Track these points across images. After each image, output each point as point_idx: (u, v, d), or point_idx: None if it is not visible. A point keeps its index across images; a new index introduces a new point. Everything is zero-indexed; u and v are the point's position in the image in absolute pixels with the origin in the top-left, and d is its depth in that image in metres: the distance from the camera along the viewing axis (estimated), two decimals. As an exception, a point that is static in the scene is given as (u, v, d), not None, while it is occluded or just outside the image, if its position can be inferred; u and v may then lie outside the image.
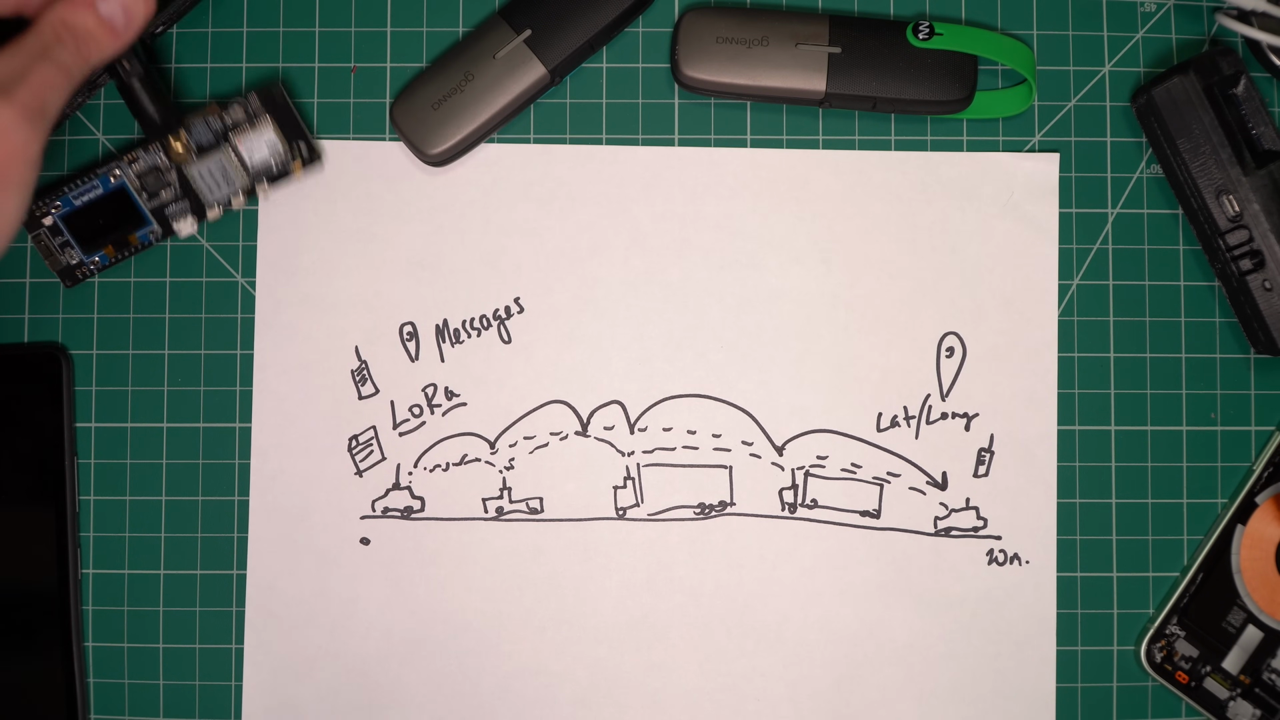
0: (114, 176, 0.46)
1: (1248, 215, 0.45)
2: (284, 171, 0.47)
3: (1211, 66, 0.46)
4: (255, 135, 0.46)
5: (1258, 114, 0.46)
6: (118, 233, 0.46)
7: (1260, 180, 0.45)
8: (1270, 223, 0.45)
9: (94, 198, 0.46)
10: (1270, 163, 0.45)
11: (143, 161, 0.46)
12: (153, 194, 0.46)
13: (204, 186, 0.46)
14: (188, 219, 0.46)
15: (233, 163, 0.46)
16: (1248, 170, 0.45)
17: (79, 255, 0.46)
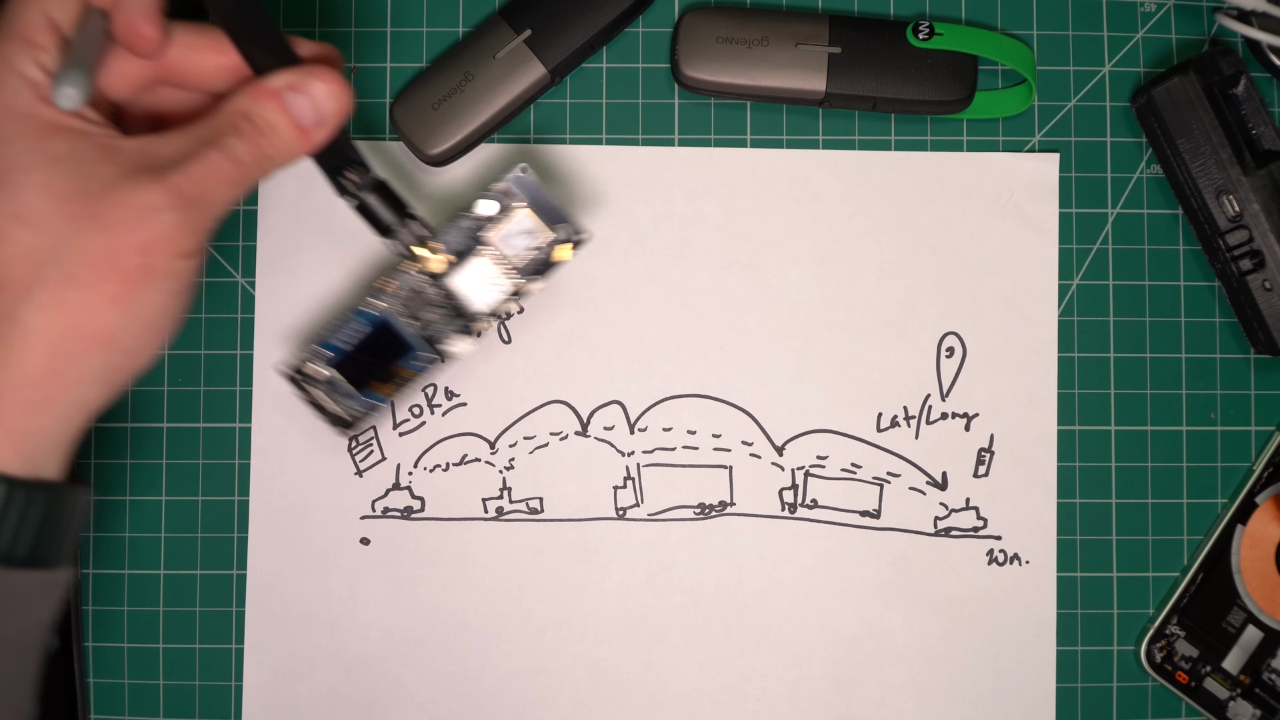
0: (375, 309, 0.43)
1: (1248, 215, 0.45)
2: (549, 261, 0.43)
3: (1211, 66, 0.46)
4: (511, 226, 0.43)
5: (1258, 114, 0.46)
6: (384, 367, 0.43)
7: (1260, 180, 0.45)
8: (1270, 223, 0.45)
9: (362, 339, 0.43)
10: (1270, 163, 0.45)
11: (401, 284, 0.43)
12: (416, 318, 0.43)
13: (470, 297, 0.43)
14: (461, 339, 0.43)
15: (496, 264, 0.43)
16: (1248, 170, 0.45)
17: (358, 404, 0.44)
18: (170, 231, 0.35)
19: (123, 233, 0.34)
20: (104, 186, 0.34)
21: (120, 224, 0.34)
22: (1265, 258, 0.45)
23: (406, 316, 0.43)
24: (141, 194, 0.34)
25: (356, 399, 0.44)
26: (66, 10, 0.36)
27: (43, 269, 0.34)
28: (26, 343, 0.34)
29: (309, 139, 0.37)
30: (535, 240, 0.43)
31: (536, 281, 0.43)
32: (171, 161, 0.35)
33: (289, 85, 0.37)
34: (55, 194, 0.34)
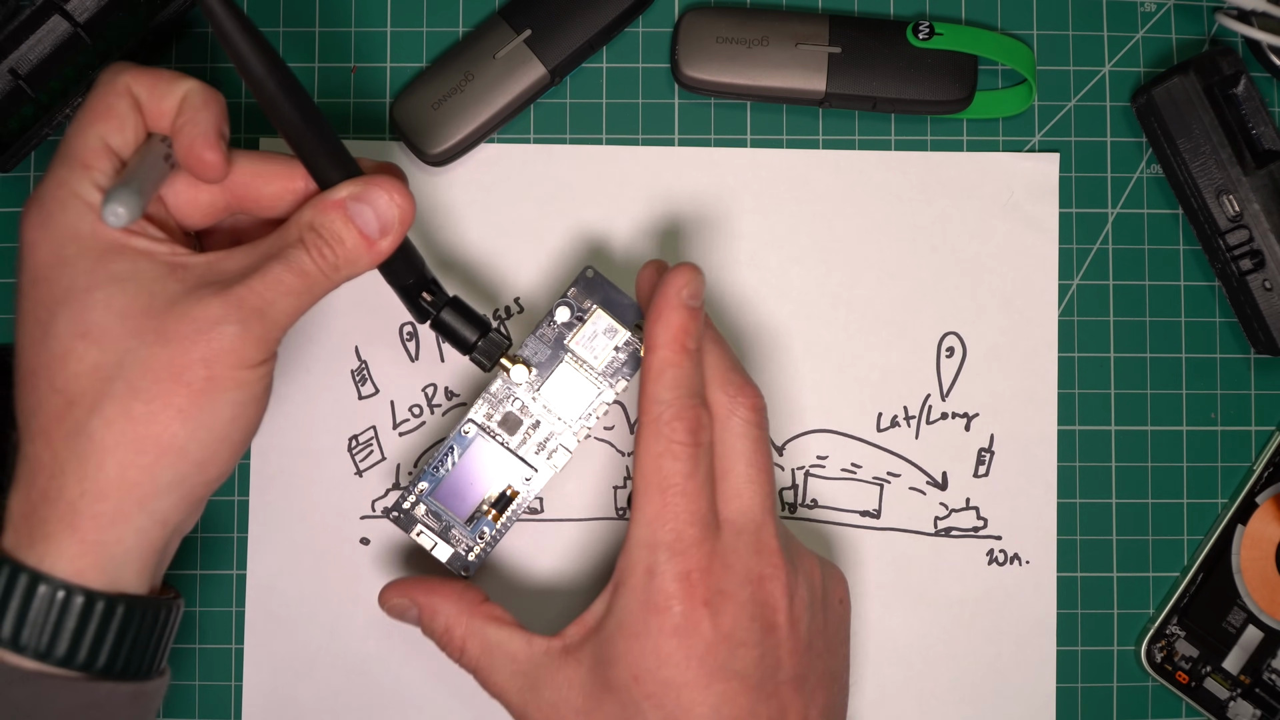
0: (467, 432, 0.43)
1: (1248, 215, 0.45)
2: (634, 356, 0.43)
3: (1211, 66, 0.46)
4: (589, 328, 0.42)
5: (1258, 114, 0.46)
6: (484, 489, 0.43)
7: (1260, 180, 0.45)
8: (1270, 223, 0.45)
9: (453, 466, 0.43)
10: (1270, 163, 0.45)
11: (489, 405, 0.43)
12: (514, 433, 0.43)
13: (562, 410, 0.43)
14: (558, 450, 0.43)
15: (579, 370, 0.43)
16: (1248, 170, 0.45)
17: (467, 537, 0.43)
18: (233, 343, 0.35)
19: (186, 346, 0.35)
20: (167, 302, 0.35)
21: (182, 337, 0.35)
22: (1265, 258, 0.45)
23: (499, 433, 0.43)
24: (203, 307, 0.35)
25: (464, 530, 0.43)
26: (125, 136, 0.37)
27: (109, 384, 0.35)
28: (98, 456, 0.35)
29: (375, 248, 0.38)
30: (615, 340, 0.43)
31: (621, 382, 0.43)
32: (238, 275, 0.36)
33: (353, 195, 0.37)
34: (118, 311, 0.35)
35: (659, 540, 0.38)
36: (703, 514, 0.38)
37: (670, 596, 0.37)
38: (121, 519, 0.35)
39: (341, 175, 0.38)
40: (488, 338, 0.41)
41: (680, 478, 0.38)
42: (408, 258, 0.39)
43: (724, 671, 0.37)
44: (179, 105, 0.37)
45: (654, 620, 0.37)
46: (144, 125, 0.37)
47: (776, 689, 0.38)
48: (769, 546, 0.39)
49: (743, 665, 0.37)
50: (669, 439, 0.38)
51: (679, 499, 0.38)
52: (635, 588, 0.38)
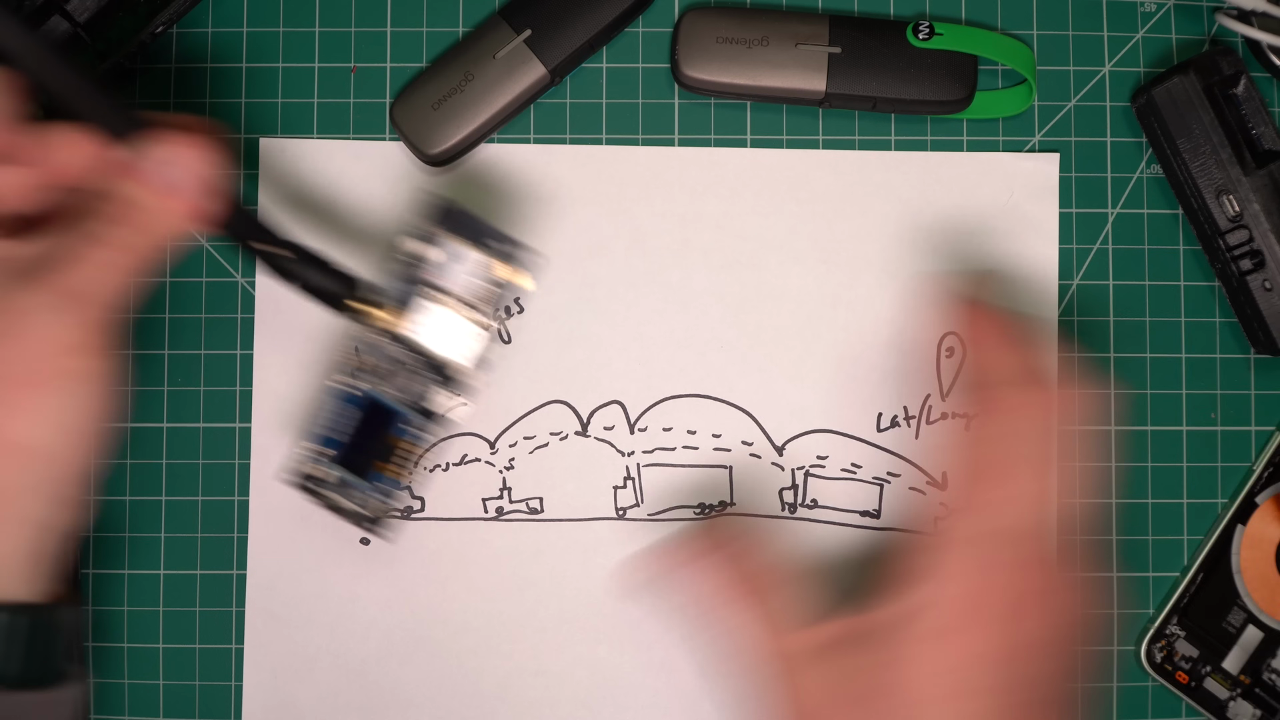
0: (358, 389, 0.42)
1: (1248, 215, 0.45)
2: (505, 286, 0.42)
3: (1211, 66, 0.46)
4: (452, 263, 0.41)
5: (1258, 114, 0.46)
6: (379, 445, 0.42)
7: (1260, 180, 0.45)
8: (1270, 223, 0.45)
9: (358, 424, 0.41)
10: (1270, 163, 0.45)
11: (370, 355, 0.41)
12: (394, 381, 0.42)
13: (441, 348, 0.41)
14: (445, 394, 0.42)
15: (451, 305, 0.41)
16: (1248, 170, 0.45)
17: (373, 494, 0.42)
18: (51, 331, 0.34)
19: (5, 342, 0.34)
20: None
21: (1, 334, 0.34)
22: (1265, 258, 0.45)
23: (388, 387, 0.42)
24: (15, 300, 0.34)
25: (367, 489, 0.42)
26: None
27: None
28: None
29: (187, 209, 0.36)
30: (482, 270, 0.42)
31: (503, 315, 0.42)
32: (43, 261, 0.35)
33: (158, 159, 0.36)
34: None
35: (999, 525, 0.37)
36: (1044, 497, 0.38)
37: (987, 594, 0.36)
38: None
39: (133, 134, 0.36)
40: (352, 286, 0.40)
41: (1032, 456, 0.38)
42: (240, 217, 0.38)
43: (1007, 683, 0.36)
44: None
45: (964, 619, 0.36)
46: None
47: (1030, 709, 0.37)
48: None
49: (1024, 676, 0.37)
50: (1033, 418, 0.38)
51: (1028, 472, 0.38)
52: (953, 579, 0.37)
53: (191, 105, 0.48)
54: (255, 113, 0.48)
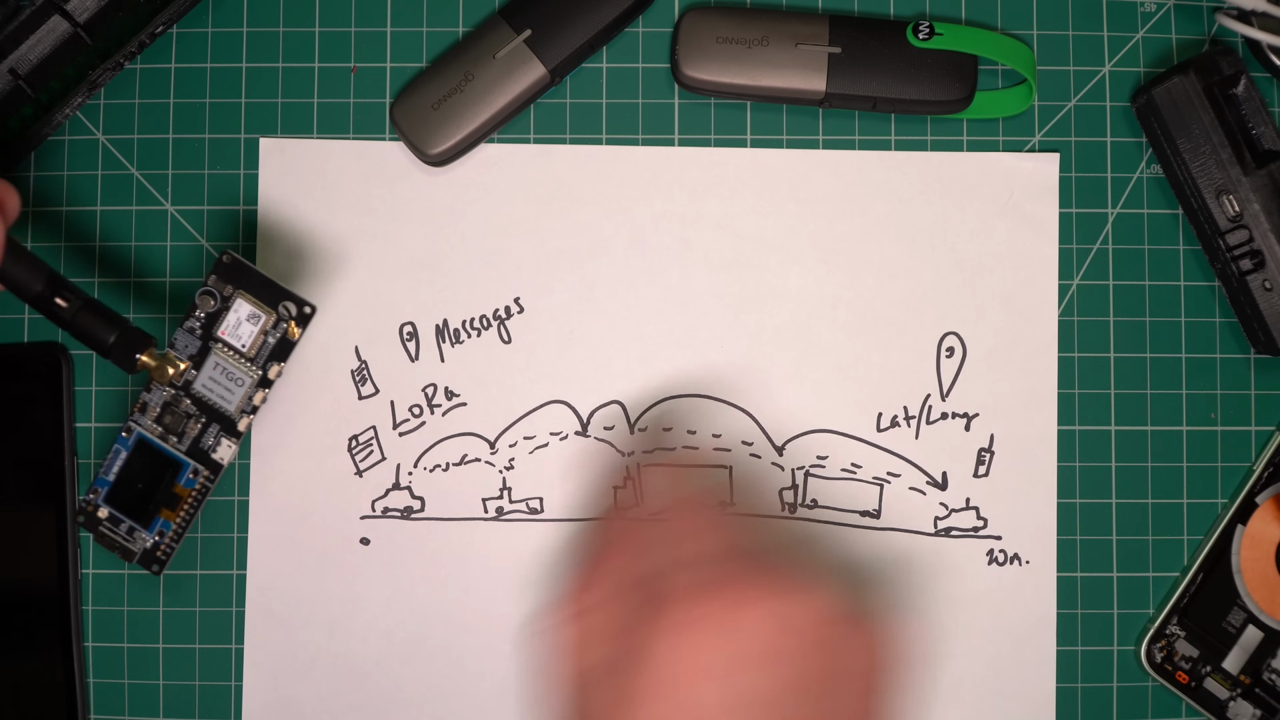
0: (127, 433, 0.43)
1: (1248, 215, 0.45)
2: (285, 342, 0.43)
3: (1211, 66, 0.46)
4: (235, 318, 0.42)
5: (1258, 114, 0.46)
6: (162, 488, 0.43)
7: (1260, 180, 0.45)
8: (1270, 223, 0.45)
9: (122, 465, 0.43)
10: (1270, 163, 0.45)
11: (151, 402, 0.43)
12: (178, 433, 0.43)
13: (219, 398, 0.42)
14: (224, 443, 0.43)
15: (231, 358, 0.42)
16: (1248, 170, 0.45)
17: (148, 535, 0.44)
18: None
19: None
20: None
21: None
22: (1265, 258, 0.45)
23: (168, 434, 0.43)
24: None
25: (144, 531, 0.44)
26: None
27: None
28: None
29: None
30: (260, 325, 0.43)
31: (274, 366, 0.43)
32: None
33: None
34: None
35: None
36: None
37: None
38: None
39: None
40: (124, 336, 0.40)
41: None
42: (25, 266, 0.38)
43: None
44: None
45: None
46: None
47: None
48: None
49: None
50: None
51: None
52: None
53: (191, 105, 0.48)
54: (255, 113, 0.48)
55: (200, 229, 0.48)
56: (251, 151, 0.48)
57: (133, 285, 0.48)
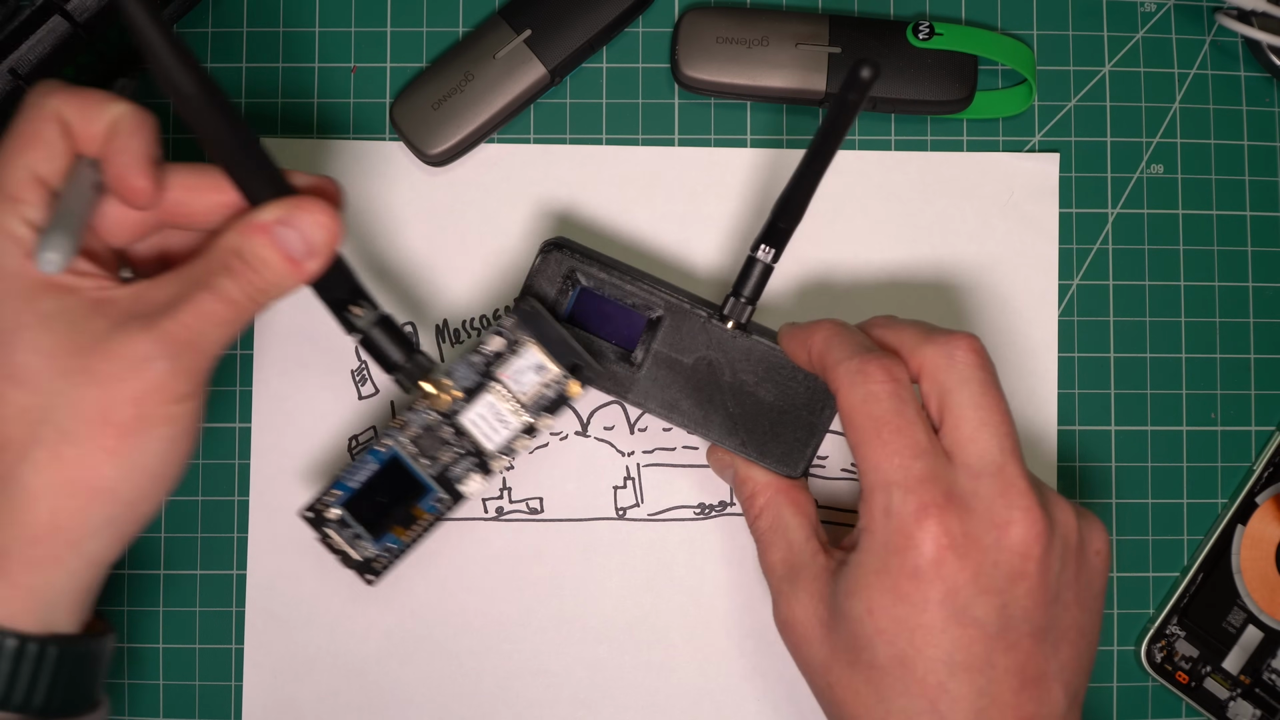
0: (384, 447, 0.43)
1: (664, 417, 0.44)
2: (561, 398, 0.43)
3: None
4: (519, 362, 0.42)
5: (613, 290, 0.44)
6: (400, 508, 0.43)
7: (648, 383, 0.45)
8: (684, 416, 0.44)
9: (370, 476, 0.43)
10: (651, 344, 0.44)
11: (412, 424, 0.43)
12: (430, 457, 0.43)
13: (481, 435, 0.42)
14: (473, 478, 0.43)
15: (504, 401, 0.42)
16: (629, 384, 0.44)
17: (372, 546, 0.43)
18: (163, 379, 0.35)
19: (115, 385, 0.34)
20: (94, 340, 0.35)
21: (111, 377, 0.34)
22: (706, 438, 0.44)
23: (421, 456, 0.43)
24: (131, 345, 0.34)
25: (371, 541, 0.43)
26: (54, 164, 0.35)
27: (39, 427, 0.34)
28: (28, 501, 0.35)
29: (300, 270, 0.37)
30: (544, 377, 0.42)
31: (546, 419, 0.43)
32: (164, 306, 0.35)
33: (279, 220, 0.36)
34: (46, 352, 0.34)
35: (889, 479, 0.37)
36: (924, 447, 0.37)
37: (909, 537, 0.36)
38: (53, 563, 0.35)
39: (270, 193, 0.36)
40: (413, 360, 0.40)
41: (890, 414, 0.37)
42: (338, 274, 0.39)
43: (962, 617, 0.36)
44: (109, 129, 0.35)
45: (894, 560, 0.36)
46: (72, 151, 0.36)
47: (1018, 640, 0.36)
48: (1016, 488, 0.37)
49: (983, 613, 0.36)
50: (864, 385, 0.37)
51: (894, 436, 0.37)
52: (875, 531, 0.37)
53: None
54: (255, 113, 0.48)
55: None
56: (251, 151, 0.48)
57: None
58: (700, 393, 0.43)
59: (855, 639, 0.37)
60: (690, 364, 0.43)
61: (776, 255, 0.42)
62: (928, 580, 0.36)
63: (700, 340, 0.43)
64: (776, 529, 0.42)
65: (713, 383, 0.43)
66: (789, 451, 0.43)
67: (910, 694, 0.36)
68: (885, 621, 0.37)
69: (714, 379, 0.43)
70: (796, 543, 0.41)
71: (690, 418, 0.43)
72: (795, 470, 0.43)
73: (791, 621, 0.40)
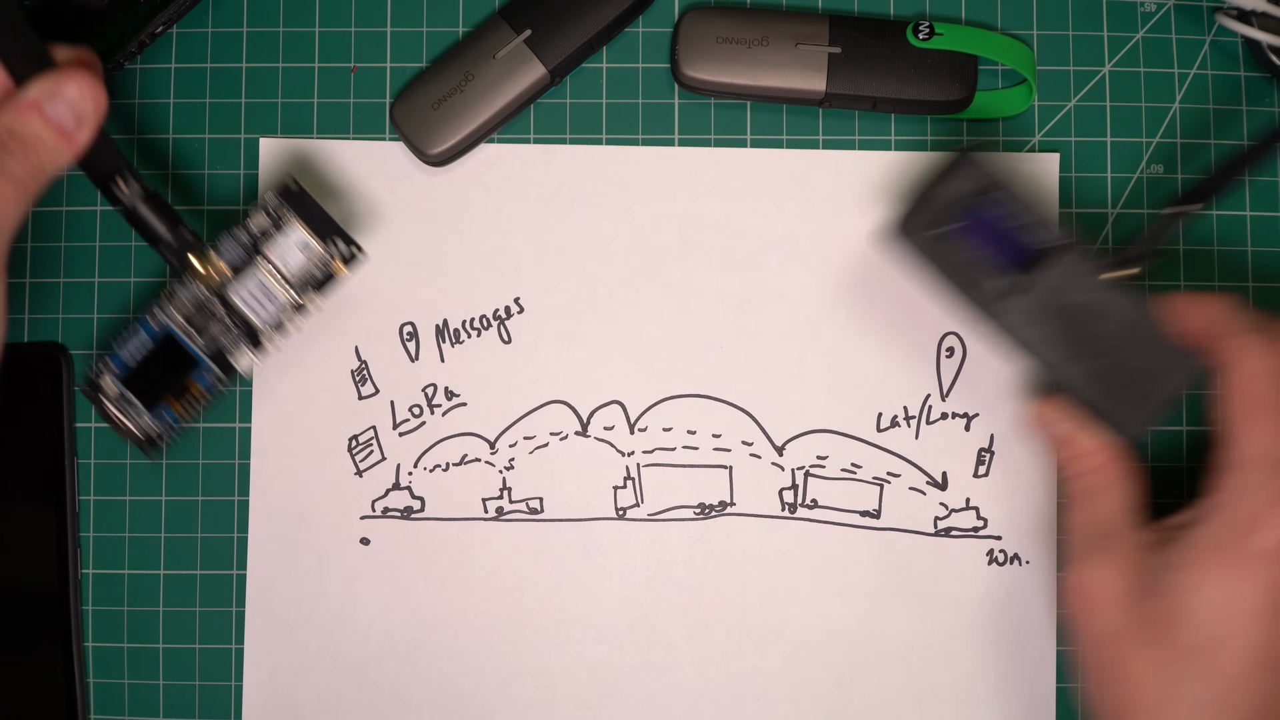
0: (155, 320, 0.44)
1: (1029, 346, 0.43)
2: (327, 275, 0.44)
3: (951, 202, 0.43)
4: (284, 239, 0.43)
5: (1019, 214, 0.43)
6: (175, 381, 0.44)
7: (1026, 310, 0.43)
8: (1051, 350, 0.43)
9: (145, 353, 0.44)
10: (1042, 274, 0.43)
11: (182, 296, 0.43)
12: (203, 331, 0.44)
13: (251, 311, 0.43)
14: (245, 353, 0.44)
15: (271, 277, 0.43)
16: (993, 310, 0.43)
17: (150, 420, 0.44)
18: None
19: None
20: None
21: None
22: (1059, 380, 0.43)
23: (193, 331, 0.44)
24: None
25: (148, 416, 0.44)
26: None
27: None
28: None
29: (73, 142, 0.38)
30: (310, 255, 0.44)
31: (314, 296, 0.44)
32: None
33: (46, 93, 0.37)
34: None
35: (1258, 456, 0.37)
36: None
37: (1262, 518, 0.36)
38: None
39: (33, 68, 0.38)
40: (178, 234, 0.42)
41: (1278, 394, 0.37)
42: (104, 148, 0.40)
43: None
44: None
45: (1239, 539, 0.36)
46: None
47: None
48: None
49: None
50: (1262, 360, 0.38)
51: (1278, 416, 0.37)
52: (1226, 506, 0.37)
53: (191, 105, 0.48)
54: (255, 113, 0.48)
55: (200, 229, 0.48)
56: (251, 152, 0.48)
57: (133, 285, 0.48)
58: (1068, 335, 0.43)
59: (1170, 615, 0.37)
60: (1068, 305, 0.43)
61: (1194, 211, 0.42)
62: (1268, 566, 0.36)
63: (1083, 285, 0.43)
64: (1095, 492, 0.42)
65: (1082, 329, 0.43)
66: (1134, 415, 0.43)
67: (1207, 680, 0.36)
68: (1211, 599, 0.36)
69: (1084, 326, 0.43)
70: (1111, 511, 0.41)
71: (1051, 357, 0.43)
72: (1137, 434, 0.43)
73: (1085, 588, 0.39)
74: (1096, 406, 0.43)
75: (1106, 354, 0.43)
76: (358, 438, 0.47)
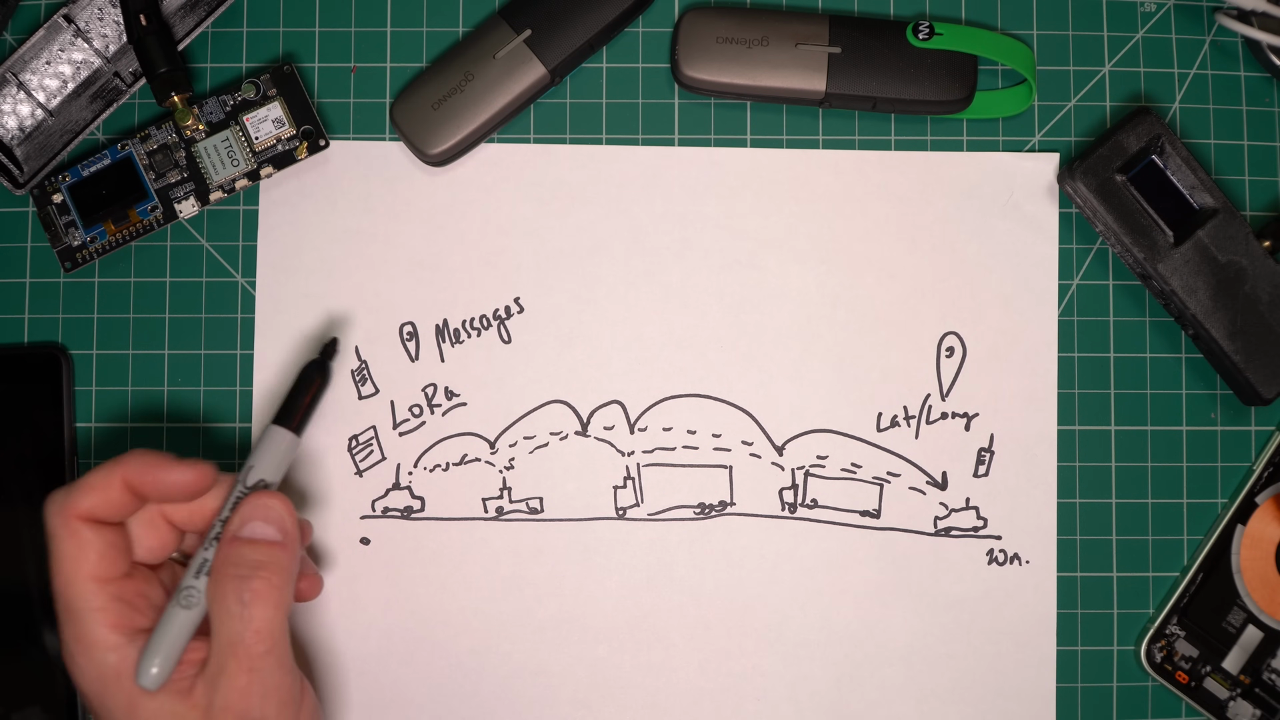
0: (122, 147, 0.46)
1: (1175, 296, 0.46)
2: (289, 155, 0.46)
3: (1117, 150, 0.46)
4: (264, 114, 0.46)
5: (1182, 171, 0.46)
6: (119, 206, 0.46)
7: (1176, 263, 0.45)
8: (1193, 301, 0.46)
9: (100, 168, 0.46)
10: (1194, 232, 0.45)
11: (154, 139, 0.46)
12: (160, 173, 0.46)
13: (210, 165, 0.46)
14: (190, 201, 0.46)
15: (240, 142, 0.46)
16: (1161, 255, 0.45)
17: (81, 235, 0.46)
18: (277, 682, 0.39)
19: None
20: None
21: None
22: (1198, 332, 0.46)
23: (149, 168, 0.46)
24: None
25: (81, 229, 0.46)
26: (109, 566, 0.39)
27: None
28: None
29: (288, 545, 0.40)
30: (279, 131, 0.46)
31: (269, 169, 0.46)
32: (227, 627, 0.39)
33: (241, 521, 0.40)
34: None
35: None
36: None
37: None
38: None
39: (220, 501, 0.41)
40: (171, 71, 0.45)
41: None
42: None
43: None
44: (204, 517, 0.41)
45: None
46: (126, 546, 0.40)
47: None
48: None
49: None
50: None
51: None
52: None
53: (191, 105, 0.48)
54: (255, 113, 0.48)
55: (200, 229, 0.48)
56: (251, 151, 0.48)
57: (132, 285, 0.48)
58: (1219, 291, 0.45)
59: None
60: (1223, 262, 0.45)
61: None
62: None
63: (1238, 247, 0.45)
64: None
65: (1233, 287, 0.45)
66: (1269, 376, 0.46)
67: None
68: None
69: (1236, 285, 0.45)
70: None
71: (1202, 308, 0.45)
72: (1270, 395, 0.46)
73: None
74: (1232, 362, 0.45)
75: (1252, 315, 0.45)
76: (358, 437, 0.47)
